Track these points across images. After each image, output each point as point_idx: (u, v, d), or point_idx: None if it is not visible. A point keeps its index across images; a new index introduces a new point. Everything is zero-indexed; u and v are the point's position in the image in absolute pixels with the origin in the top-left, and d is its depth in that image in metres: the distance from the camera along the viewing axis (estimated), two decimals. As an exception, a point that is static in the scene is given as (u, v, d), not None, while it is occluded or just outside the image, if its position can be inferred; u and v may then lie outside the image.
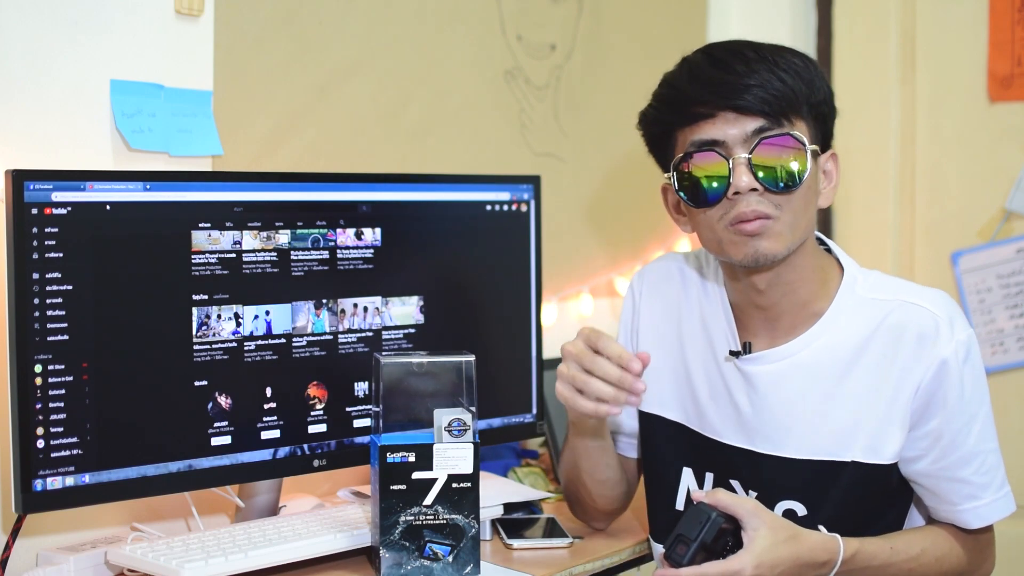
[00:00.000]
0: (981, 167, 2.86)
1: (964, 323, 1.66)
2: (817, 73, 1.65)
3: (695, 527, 1.55)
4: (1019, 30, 2.80)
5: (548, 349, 2.16)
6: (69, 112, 1.78)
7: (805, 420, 1.67)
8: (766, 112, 1.59)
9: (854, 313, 1.68)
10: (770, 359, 1.69)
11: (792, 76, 1.61)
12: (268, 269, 1.80)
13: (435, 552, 1.65)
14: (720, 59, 1.63)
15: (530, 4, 2.55)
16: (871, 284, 1.70)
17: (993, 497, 1.67)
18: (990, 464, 1.67)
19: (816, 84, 1.64)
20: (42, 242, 1.60)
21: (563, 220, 2.59)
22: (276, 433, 1.82)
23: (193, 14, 1.92)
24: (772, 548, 1.54)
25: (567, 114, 2.65)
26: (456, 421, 1.66)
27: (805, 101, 1.62)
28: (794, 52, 1.65)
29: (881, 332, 1.66)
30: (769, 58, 1.61)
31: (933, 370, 1.63)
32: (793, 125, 1.62)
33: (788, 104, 1.60)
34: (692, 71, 1.65)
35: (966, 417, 1.64)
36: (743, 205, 1.60)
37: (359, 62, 2.20)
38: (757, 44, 1.65)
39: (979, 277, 2.84)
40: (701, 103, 1.62)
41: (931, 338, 1.63)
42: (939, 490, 1.67)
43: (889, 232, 2.97)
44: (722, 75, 1.60)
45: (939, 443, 1.64)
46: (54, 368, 1.61)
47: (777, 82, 1.59)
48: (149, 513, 1.87)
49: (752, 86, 1.59)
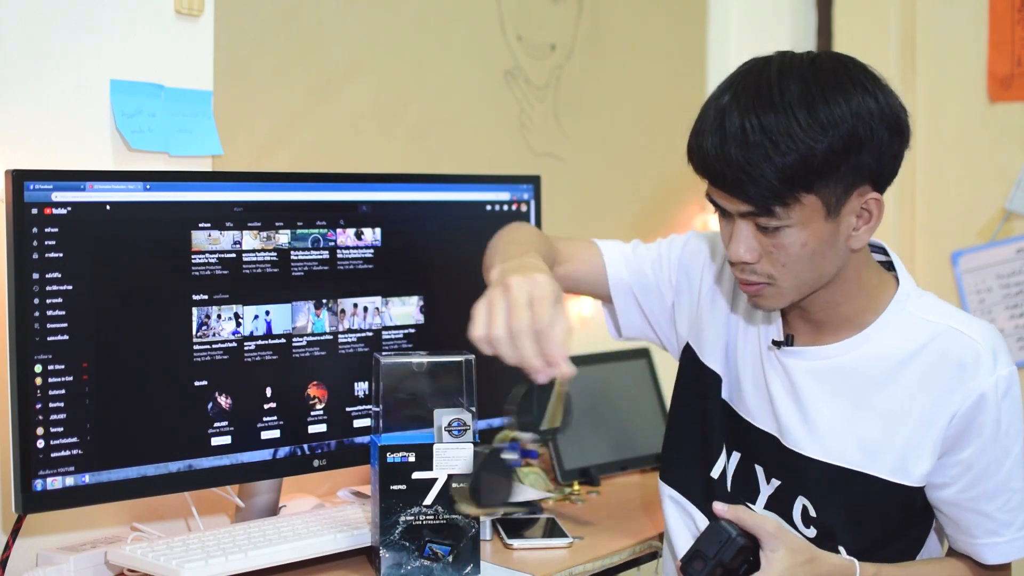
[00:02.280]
0: (981, 167, 2.86)
1: (1008, 359, 1.64)
2: (851, 127, 1.51)
3: (714, 545, 1.55)
4: (1019, 30, 2.80)
5: (548, 349, 2.16)
6: (69, 112, 1.79)
7: (832, 424, 1.66)
8: (756, 204, 1.53)
9: (900, 329, 1.66)
10: (809, 356, 1.68)
11: (797, 157, 1.49)
12: (268, 269, 1.81)
13: (435, 552, 1.65)
14: (725, 138, 1.52)
15: (530, 4, 2.55)
16: (923, 305, 1.68)
17: (1014, 536, 1.66)
18: (1015, 503, 1.65)
19: (842, 151, 1.51)
20: (42, 242, 1.60)
21: (563, 220, 2.59)
22: (276, 433, 1.82)
23: (193, 14, 1.92)
24: (789, 571, 1.54)
25: (567, 114, 2.65)
26: (456, 421, 1.66)
27: (816, 177, 1.51)
28: (820, 109, 1.51)
29: (924, 353, 1.64)
30: (774, 136, 1.49)
31: (971, 401, 1.61)
32: (797, 201, 1.52)
33: (784, 192, 1.51)
34: (702, 146, 1.55)
35: (999, 452, 1.63)
36: (739, 271, 1.61)
37: (359, 62, 2.20)
38: (776, 104, 1.51)
39: (979, 277, 2.84)
40: (706, 178, 1.58)
41: (972, 369, 1.61)
42: (961, 520, 1.67)
43: (889, 232, 2.96)
44: (720, 165, 1.53)
45: (968, 473, 1.63)
46: (54, 368, 1.61)
47: (773, 173, 1.50)
48: (149, 513, 1.87)
49: (744, 182, 1.51)
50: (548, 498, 2.07)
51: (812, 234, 1.55)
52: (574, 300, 2.66)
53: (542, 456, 2.38)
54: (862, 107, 1.52)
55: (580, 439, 2.29)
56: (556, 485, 2.25)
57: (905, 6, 2.96)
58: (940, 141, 2.91)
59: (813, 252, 1.56)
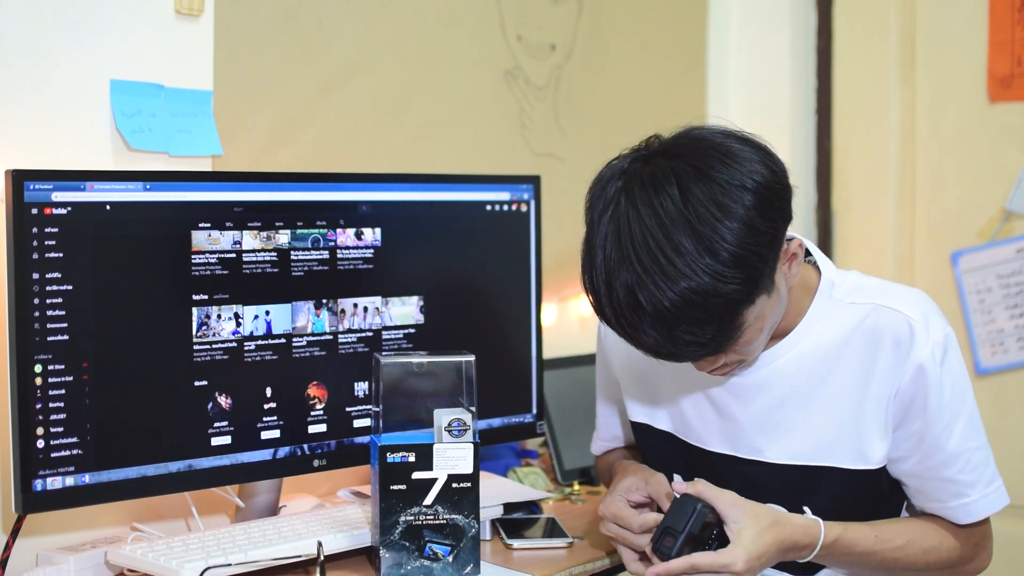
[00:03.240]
0: (981, 167, 2.86)
1: (940, 322, 1.65)
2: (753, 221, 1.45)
3: (682, 519, 1.56)
4: (1019, 30, 2.80)
5: (548, 349, 2.17)
6: (69, 112, 1.78)
7: (786, 425, 1.68)
8: (719, 348, 1.52)
9: (831, 318, 1.67)
10: (748, 368, 1.69)
11: (721, 301, 1.44)
12: (268, 269, 1.81)
13: (435, 552, 1.65)
14: (638, 329, 1.47)
15: (530, 4, 2.55)
16: (848, 287, 1.69)
17: (982, 493, 1.67)
18: (976, 461, 1.66)
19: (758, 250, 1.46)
20: (42, 242, 1.60)
21: (563, 220, 2.59)
22: (276, 433, 1.82)
23: (193, 14, 1.92)
24: (757, 538, 1.56)
25: (567, 114, 2.65)
26: (456, 421, 1.66)
27: (751, 289, 1.47)
28: (715, 239, 1.43)
29: (857, 336, 1.66)
30: (694, 301, 1.43)
31: (911, 373, 1.62)
32: (743, 318, 1.49)
33: (728, 331, 1.48)
34: (629, 336, 1.50)
35: (947, 418, 1.64)
36: (706, 368, 1.60)
37: (359, 62, 2.20)
38: (670, 278, 1.43)
39: (979, 277, 2.84)
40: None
41: (907, 342, 1.63)
42: (927, 489, 1.68)
43: (889, 232, 2.97)
44: (665, 353, 1.50)
45: (923, 444, 1.65)
46: (54, 368, 1.61)
47: (707, 334, 1.46)
48: (149, 513, 1.87)
49: (695, 352, 1.49)
50: (548, 498, 2.08)
51: (764, 315, 1.54)
52: (574, 300, 2.66)
53: (542, 456, 2.38)
54: (746, 197, 1.46)
55: (580, 439, 2.29)
56: (556, 485, 2.25)
57: (905, 6, 2.96)
58: (940, 141, 2.91)
59: (771, 324, 1.59)
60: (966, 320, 2.85)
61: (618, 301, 1.47)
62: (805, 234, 3.08)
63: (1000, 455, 1.73)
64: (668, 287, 1.43)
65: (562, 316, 2.61)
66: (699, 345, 1.48)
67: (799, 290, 1.67)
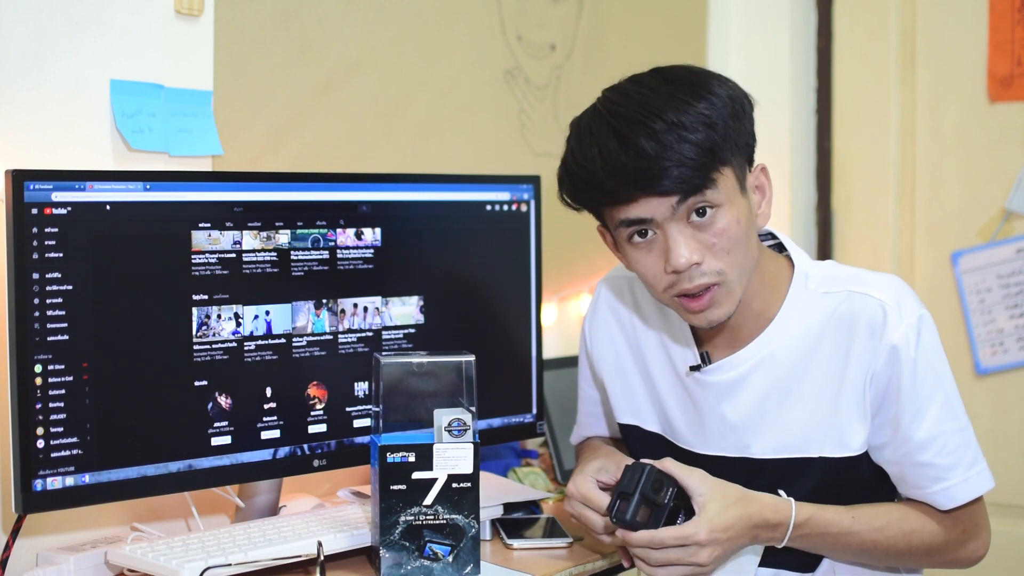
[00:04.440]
0: (981, 167, 2.86)
1: (914, 305, 1.65)
2: (727, 101, 1.58)
3: (632, 481, 1.57)
4: (1019, 30, 2.80)
5: (548, 349, 2.17)
6: (69, 112, 1.79)
7: (770, 420, 1.69)
8: (687, 189, 1.55)
9: (806, 310, 1.68)
10: (729, 367, 1.70)
11: (705, 131, 1.54)
12: (268, 269, 1.81)
13: (435, 552, 1.65)
14: (628, 139, 1.55)
15: (530, 4, 2.55)
16: (822, 278, 1.70)
17: (963, 476, 1.64)
18: (954, 444, 1.64)
19: (732, 121, 1.58)
20: (42, 242, 1.60)
21: (563, 220, 2.59)
22: (276, 433, 1.82)
23: (193, 14, 1.92)
24: (723, 511, 1.56)
25: (567, 114, 2.64)
26: (456, 421, 1.66)
27: (726, 147, 1.56)
28: (700, 93, 1.57)
29: (831, 325, 1.66)
30: (677, 121, 1.54)
31: (885, 356, 1.62)
32: (720, 175, 1.57)
33: (708, 165, 1.54)
34: (604, 157, 1.57)
35: (921, 401, 1.63)
36: (686, 281, 1.59)
37: (359, 62, 2.20)
38: (663, 103, 1.56)
39: (979, 277, 2.84)
40: (620, 191, 1.57)
41: (880, 326, 1.63)
42: (906, 475, 1.67)
43: (889, 232, 2.97)
44: (635, 162, 1.54)
45: (899, 430, 1.64)
46: (54, 368, 1.61)
47: (691, 150, 1.53)
48: (149, 513, 1.87)
49: (667, 167, 1.53)
50: (548, 498, 2.08)
51: (739, 210, 1.58)
52: (574, 300, 2.66)
53: (542, 456, 2.38)
54: (726, 88, 1.60)
55: (580, 439, 2.29)
56: (556, 485, 2.25)
57: (905, 6, 2.96)
58: (940, 141, 2.91)
59: (747, 230, 1.60)
60: (966, 320, 2.85)
61: (585, 133, 1.62)
62: (805, 234, 3.09)
63: (1000, 455, 1.73)
64: (650, 110, 1.56)
65: (562, 316, 2.61)
66: (672, 162, 1.53)
67: (774, 277, 1.69)
